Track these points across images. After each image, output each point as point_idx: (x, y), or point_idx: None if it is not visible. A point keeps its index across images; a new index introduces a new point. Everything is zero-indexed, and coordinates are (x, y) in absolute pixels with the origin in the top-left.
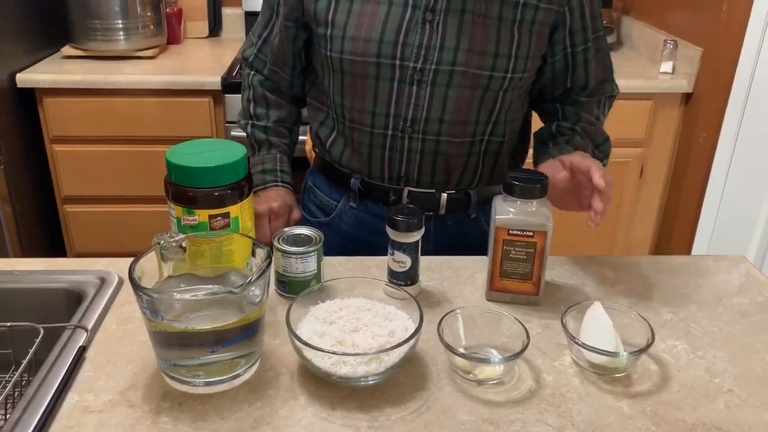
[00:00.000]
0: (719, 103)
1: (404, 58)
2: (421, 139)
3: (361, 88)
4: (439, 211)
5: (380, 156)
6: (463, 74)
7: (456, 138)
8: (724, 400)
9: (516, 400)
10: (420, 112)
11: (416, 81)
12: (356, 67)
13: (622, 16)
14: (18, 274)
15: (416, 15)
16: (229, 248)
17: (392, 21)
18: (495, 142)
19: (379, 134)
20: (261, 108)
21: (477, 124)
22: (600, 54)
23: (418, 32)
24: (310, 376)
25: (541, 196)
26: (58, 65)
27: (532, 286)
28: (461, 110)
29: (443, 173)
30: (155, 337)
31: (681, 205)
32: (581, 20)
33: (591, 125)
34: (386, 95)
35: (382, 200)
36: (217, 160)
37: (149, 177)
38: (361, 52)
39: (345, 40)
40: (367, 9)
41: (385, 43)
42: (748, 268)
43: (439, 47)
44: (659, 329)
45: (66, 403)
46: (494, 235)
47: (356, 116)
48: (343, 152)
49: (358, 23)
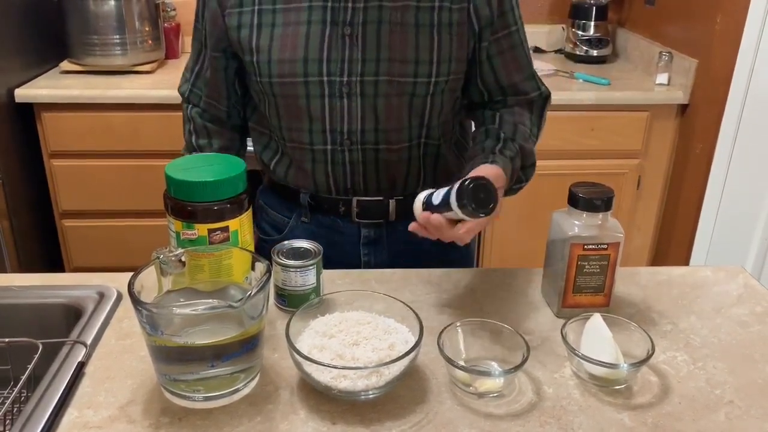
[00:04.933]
0: (715, 114)
1: (330, 74)
2: (360, 150)
3: (294, 109)
4: (389, 217)
5: (324, 171)
6: (388, 83)
7: (393, 145)
8: (725, 412)
9: (517, 412)
10: (354, 124)
11: (345, 94)
12: (286, 88)
13: (617, 29)
14: (16, 290)
15: (336, 30)
16: (228, 262)
17: (314, 39)
18: (432, 145)
19: (319, 150)
20: (203, 139)
21: (410, 129)
22: (512, 50)
23: (340, 47)
24: (310, 390)
25: (607, 209)
26: (57, 80)
27: (604, 298)
28: (392, 118)
29: (387, 180)
30: (154, 351)
31: (678, 216)
32: (489, 16)
33: (527, 143)
34: (319, 112)
35: (333, 212)
36: (216, 175)
37: (148, 191)
38: (288, 73)
39: (271, 63)
40: (288, 31)
41: (310, 61)
42: (746, 278)
43: (362, 59)
44: (659, 340)
45: (65, 419)
46: (568, 251)
47: (295, 136)
48: (288, 171)
49: (281, 46)
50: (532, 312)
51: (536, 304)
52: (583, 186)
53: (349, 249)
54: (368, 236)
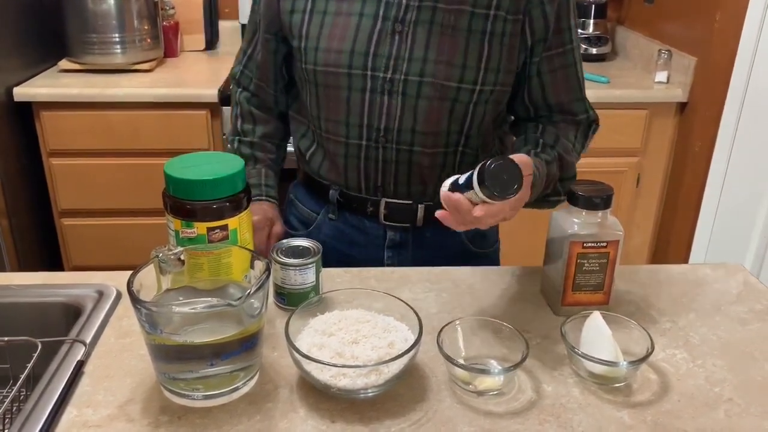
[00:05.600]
0: (714, 112)
1: (375, 69)
2: (395, 149)
3: (334, 99)
4: (416, 223)
5: (356, 166)
6: (431, 85)
7: (428, 148)
8: (725, 409)
9: (516, 410)
10: (392, 122)
11: (387, 91)
12: (329, 78)
13: (617, 27)
14: (15, 289)
15: (386, 26)
16: (227, 261)
17: (363, 32)
18: (470, 154)
19: (353, 144)
20: (248, 124)
21: (449, 135)
22: (564, 70)
23: (388, 43)
24: (309, 388)
25: (606, 207)
26: (56, 79)
27: (603, 296)
28: (431, 121)
29: (419, 183)
30: (154, 350)
31: (678, 213)
32: (543, 31)
33: (568, 155)
34: (359, 106)
35: (360, 212)
36: (215, 173)
37: (147, 190)
38: (333, 63)
39: (318, 51)
40: (339, 21)
41: (356, 54)
42: (745, 276)
43: (408, 58)
44: (658, 338)
45: (64, 418)
46: (568, 249)
47: (332, 127)
48: (322, 164)
49: (330, 35)
50: (532, 310)
51: (536, 302)
52: (582, 184)
53: (372, 250)
54: (394, 239)
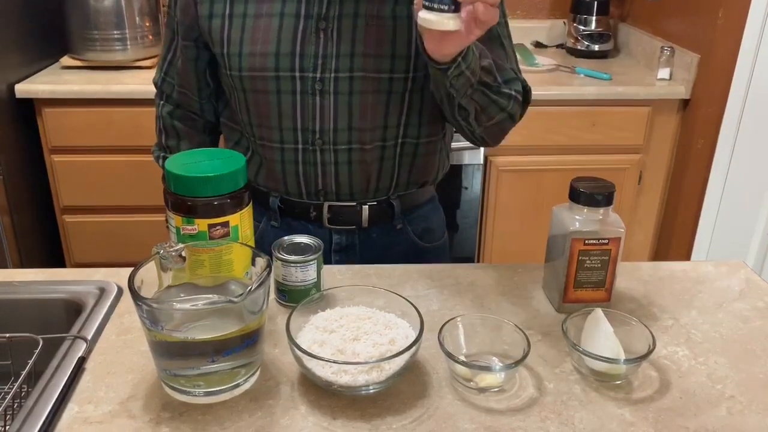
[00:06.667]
0: (717, 109)
1: (303, 69)
2: (333, 150)
3: (264, 104)
4: (362, 224)
5: (294, 172)
6: (363, 79)
7: (367, 144)
8: (726, 407)
9: (517, 407)
10: (327, 122)
11: (318, 91)
12: (256, 83)
13: (619, 23)
14: (17, 285)
15: (310, 24)
16: (228, 257)
17: (286, 33)
18: (410, 144)
19: (289, 149)
20: (172, 140)
21: (386, 129)
22: (489, 42)
23: (314, 42)
24: (310, 385)
25: (608, 204)
26: (57, 76)
27: (605, 293)
28: (368, 116)
29: (361, 182)
30: (155, 347)
31: (680, 210)
32: None
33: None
34: (290, 109)
35: (303, 217)
36: (216, 170)
37: (148, 187)
38: (259, 67)
39: (242, 57)
40: (261, 24)
41: (282, 56)
42: (747, 273)
43: (336, 55)
44: (660, 335)
45: (66, 415)
46: (569, 246)
47: (265, 133)
48: (259, 171)
49: (253, 39)
50: (533, 307)
51: (537, 299)
52: (584, 181)
53: None
54: (340, 243)
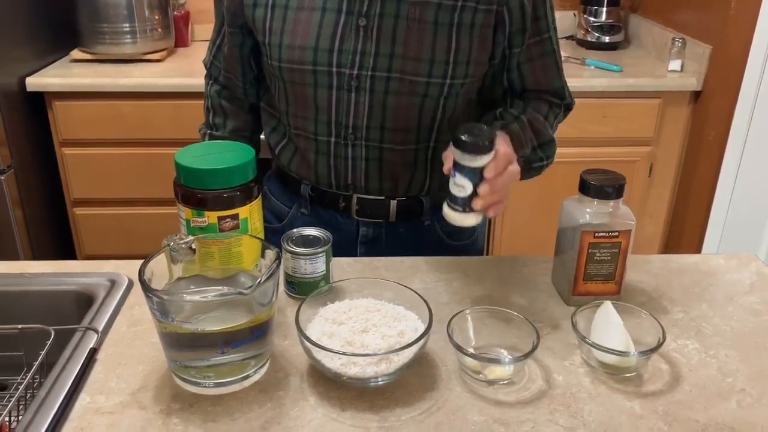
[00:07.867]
0: (728, 101)
1: (340, 65)
2: (364, 146)
3: (301, 96)
4: (389, 218)
5: (326, 163)
6: (399, 81)
7: (399, 145)
8: (737, 400)
9: (526, 400)
10: (360, 119)
11: (354, 88)
12: (294, 75)
13: (630, 15)
14: (29, 277)
15: (350, 21)
16: (238, 249)
17: (326, 28)
18: (442, 149)
19: (322, 141)
20: (218, 117)
21: (419, 131)
22: (542, 58)
23: (353, 38)
24: (319, 377)
25: (618, 196)
26: (67, 69)
27: (615, 286)
28: (401, 117)
29: (389, 180)
30: (165, 338)
31: (691, 203)
32: (521, 21)
33: (537, 121)
34: (326, 103)
35: (332, 207)
36: (226, 162)
37: (158, 179)
38: (297, 60)
39: (282, 48)
40: (302, 16)
41: (321, 51)
42: (759, 266)
43: (374, 53)
44: (670, 328)
45: (77, 405)
46: (579, 238)
47: (300, 124)
48: (292, 159)
49: (293, 31)
50: (543, 300)
51: (547, 291)
52: (594, 173)
53: (345, 246)
54: (366, 235)
